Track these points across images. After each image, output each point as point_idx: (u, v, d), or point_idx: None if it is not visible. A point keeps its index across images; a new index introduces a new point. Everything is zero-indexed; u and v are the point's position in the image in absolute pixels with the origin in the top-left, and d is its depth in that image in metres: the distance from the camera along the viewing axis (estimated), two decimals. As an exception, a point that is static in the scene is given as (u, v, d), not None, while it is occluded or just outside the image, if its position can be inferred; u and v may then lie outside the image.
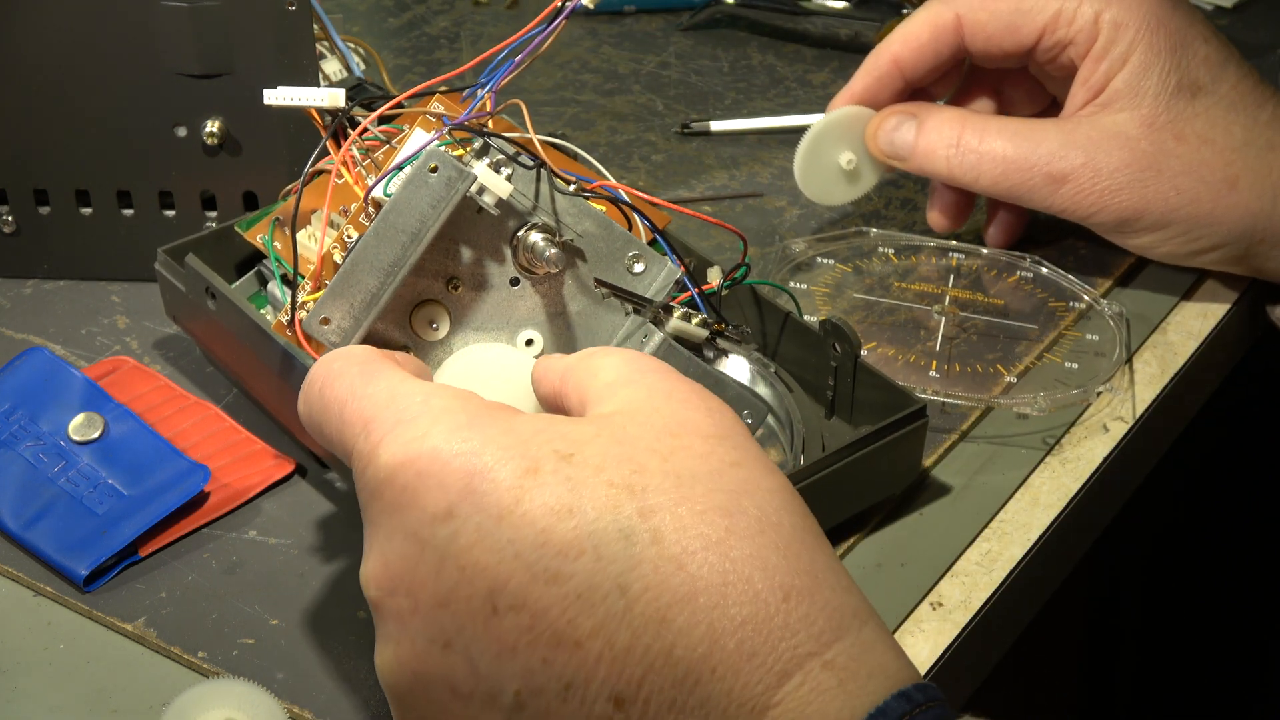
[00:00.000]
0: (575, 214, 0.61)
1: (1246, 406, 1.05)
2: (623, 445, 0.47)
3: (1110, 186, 0.74)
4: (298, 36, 0.72)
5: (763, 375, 0.68)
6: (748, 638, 0.43)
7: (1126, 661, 1.19)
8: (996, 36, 0.76)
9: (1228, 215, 0.74)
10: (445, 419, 0.47)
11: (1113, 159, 0.74)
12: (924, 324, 0.75)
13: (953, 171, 0.76)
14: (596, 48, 1.00)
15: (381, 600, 0.47)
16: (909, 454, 0.65)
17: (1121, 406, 0.72)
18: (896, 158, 0.77)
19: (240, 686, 0.56)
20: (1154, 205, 0.74)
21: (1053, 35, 0.76)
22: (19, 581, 0.63)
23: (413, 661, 0.46)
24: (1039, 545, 0.65)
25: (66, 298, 0.77)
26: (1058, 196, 0.75)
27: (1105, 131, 0.74)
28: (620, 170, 0.87)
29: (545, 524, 0.45)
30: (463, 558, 0.45)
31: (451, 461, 0.46)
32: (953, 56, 0.78)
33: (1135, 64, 0.74)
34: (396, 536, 0.47)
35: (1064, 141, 0.74)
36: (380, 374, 0.51)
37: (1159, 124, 0.74)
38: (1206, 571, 1.18)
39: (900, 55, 0.78)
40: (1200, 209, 0.74)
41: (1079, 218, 0.75)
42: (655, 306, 0.62)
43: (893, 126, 0.77)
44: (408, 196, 0.58)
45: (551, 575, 0.44)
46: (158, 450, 0.66)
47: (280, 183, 0.72)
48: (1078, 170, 0.74)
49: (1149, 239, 0.76)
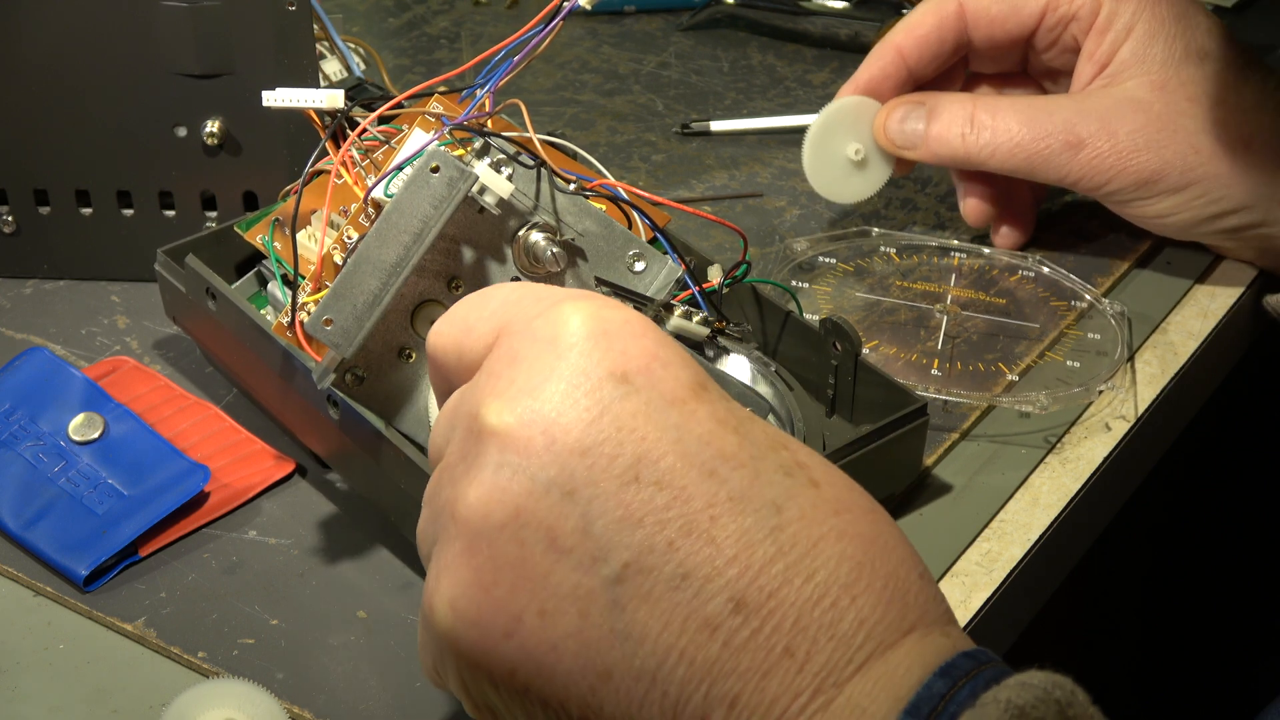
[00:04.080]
0: (576, 213, 0.61)
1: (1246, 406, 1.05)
2: None
3: (1129, 148, 0.74)
4: (298, 36, 0.72)
5: (763, 374, 0.68)
6: (892, 586, 0.44)
7: (1126, 661, 1.19)
8: (1000, 19, 0.77)
9: (1246, 174, 0.74)
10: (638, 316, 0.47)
11: (1128, 122, 0.74)
12: (925, 323, 0.75)
13: (969, 151, 0.76)
14: (596, 48, 1.00)
15: (511, 430, 0.45)
16: (910, 453, 0.65)
17: (1123, 405, 0.72)
18: (907, 147, 0.77)
19: (240, 686, 0.56)
20: (1173, 164, 0.74)
21: (1055, 13, 0.76)
22: (19, 581, 0.63)
23: (520, 498, 0.44)
24: (1039, 545, 0.65)
25: (66, 298, 0.77)
26: (1075, 163, 0.74)
27: (1117, 98, 0.74)
28: (620, 170, 0.87)
29: (712, 429, 0.45)
30: (624, 419, 0.44)
31: (642, 335, 0.46)
32: (956, 46, 0.78)
33: (1140, 33, 0.74)
34: (557, 379, 0.45)
35: (1077, 110, 0.75)
36: None
37: (1170, 86, 0.74)
38: (1206, 571, 1.18)
39: (904, 45, 0.78)
40: (1220, 167, 0.73)
41: (1096, 185, 0.75)
42: (656, 305, 0.62)
43: (901, 116, 0.77)
44: (409, 197, 0.58)
45: (709, 471, 0.44)
46: (158, 450, 0.66)
47: (280, 183, 0.72)
48: (1094, 134, 0.74)
49: (1167, 203, 0.75)
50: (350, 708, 0.57)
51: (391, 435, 0.59)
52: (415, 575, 0.63)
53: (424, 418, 0.60)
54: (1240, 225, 0.76)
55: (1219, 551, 1.17)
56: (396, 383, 0.60)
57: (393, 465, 0.60)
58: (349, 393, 0.59)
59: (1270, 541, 1.13)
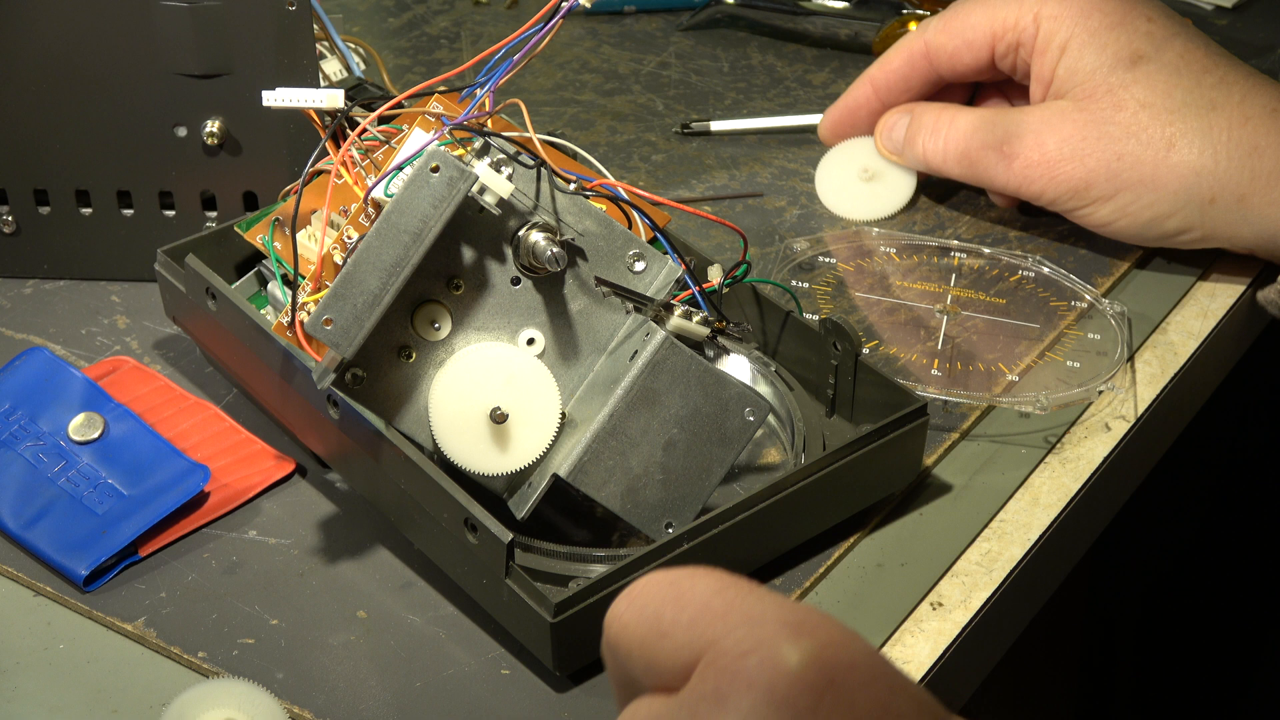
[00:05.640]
0: (576, 213, 0.61)
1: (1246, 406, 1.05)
2: None
3: (1056, 157, 0.77)
4: (298, 36, 0.72)
5: (763, 374, 0.68)
6: None
7: (1126, 662, 1.19)
8: (956, 54, 0.81)
9: (1169, 176, 0.75)
10: None
11: (1056, 132, 0.77)
12: (925, 323, 0.75)
13: (926, 157, 0.81)
14: (596, 48, 1.00)
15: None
16: (910, 453, 0.65)
17: (1123, 405, 0.72)
18: (896, 152, 0.82)
19: (240, 686, 0.56)
20: (1098, 173, 0.76)
21: (1002, 41, 0.79)
22: (19, 581, 0.63)
23: None
24: (1039, 545, 0.65)
25: (66, 298, 0.77)
26: (1010, 172, 0.78)
27: (1051, 110, 0.77)
28: (620, 170, 0.87)
29: None
30: None
31: (872, 682, 0.40)
32: (925, 79, 0.83)
33: (1073, 48, 0.77)
34: None
35: (1016, 123, 0.78)
36: None
37: (1098, 95, 0.76)
38: (1206, 571, 1.18)
39: (876, 78, 0.83)
40: (1143, 172, 0.75)
41: (1033, 194, 0.78)
42: (656, 305, 0.62)
43: (892, 124, 0.83)
44: (410, 197, 0.58)
45: None
46: (157, 450, 0.66)
47: (280, 183, 0.72)
48: (1027, 146, 0.77)
49: (1104, 211, 0.77)
50: (350, 708, 0.57)
51: (391, 435, 0.60)
52: (415, 575, 0.63)
53: (424, 418, 0.60)
54: (1183, 225, 0.76)
55: (1218, 551, 1.17)
56: (396, 383, 0.60)
57: (393, 465, 0.60)
58: (349, 393, 0.59)
59: (1270, 541, 1.13)
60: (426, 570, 0.62)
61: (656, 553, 0.58)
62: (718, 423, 0.61)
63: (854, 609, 0.62)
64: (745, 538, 0.60)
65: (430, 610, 0.61)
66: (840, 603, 0.62)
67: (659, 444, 0.60)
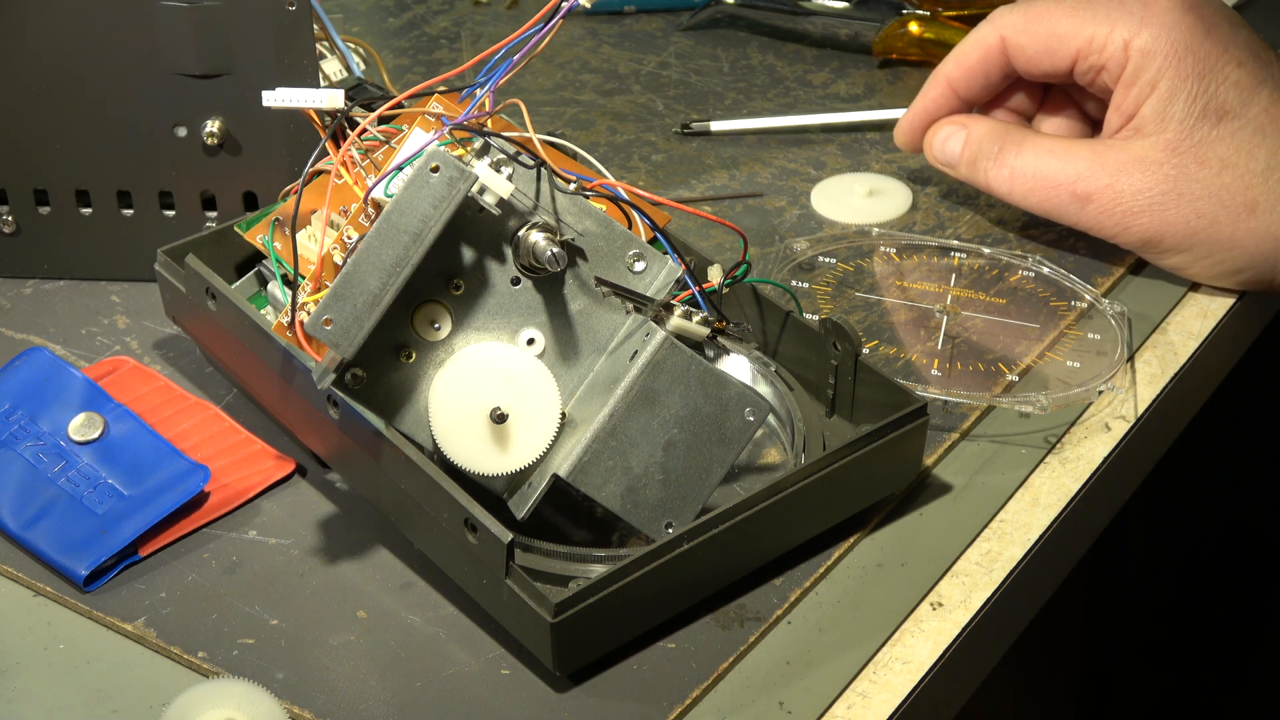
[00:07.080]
0: (576, 213, 0.61)
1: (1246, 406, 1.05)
2: None
3: (1131, 209, 0.76)
4: (298, 36, 0.72)
5: (763, 374, 0.68)
6: None
7: (1126, 662, 1.19)
8: (1036, 59, 0.79)
9: (1247, 239, 0.75)
10: None
11: (1135, 182, 0.75)
12: (925, 323, 0.75)
13: (990, 183, 0.79)
14: (596, 48, 1.00)
15: None
16: (910, 453, 0.65)
17: (1123, 405, 0.72)
18: (949, 166, 0.81)
19: (240, 686, 0.56)
20: (1174, 228, 0.75)
21: (1086, 60, 0.78)
22: (19, 581, 0.63)
23: None
24: (1039, 545, 0.65)
25: (66, 298, 0.77)
26: (1084, 215, 0.77)
27: (1131, 155, 0.76)
28: (620, 170, 0.87)
29: None
30: None
31: None
32: (1003, 75, 0.81)
33: (1162, 90, 0.75)
34: None
35: (1092, 163, 0.76)
36: None
37: (1182, 149, 0.75)
38: (1206, 571, 1.18)
39: (953, 76, 0.82)
40: (1220, 233, 0.75)
41: (1106, 236, 0.77)
42: (656, 305, 0.62)
43: (945, 136, 0.81)
44: (409, 197, 0.58)
45: None
46: (157, 450, 0.66)
47: (280, 183, 0.73)
48: (1101, 191, 0.76)
49: (1176, 260, 0.77)
50: (350, 708, 0.57)
51: (391, 435, 0.60)
52: (415, 575, 0.63)
53: (424, 418, 0.60)
54: (1253, 280, 0.77)
55: (1218, 551, 1.17)
56: (396, 383, 0.60)
57: (393, 465, 0.60)
58: (349, 393, 0.59)
59: (1270, 541, 1.13)
60: (426, 570, 0.62)
61: (656, 553, 0.58)
62: (718, 423, 0.61)
63: (854, 609, 0.62)
64: (745, 538, 0.60)
65: (430, 610, 0.61)
66: (840, 603, 0.62)
67: (659, 444, 0.60)
